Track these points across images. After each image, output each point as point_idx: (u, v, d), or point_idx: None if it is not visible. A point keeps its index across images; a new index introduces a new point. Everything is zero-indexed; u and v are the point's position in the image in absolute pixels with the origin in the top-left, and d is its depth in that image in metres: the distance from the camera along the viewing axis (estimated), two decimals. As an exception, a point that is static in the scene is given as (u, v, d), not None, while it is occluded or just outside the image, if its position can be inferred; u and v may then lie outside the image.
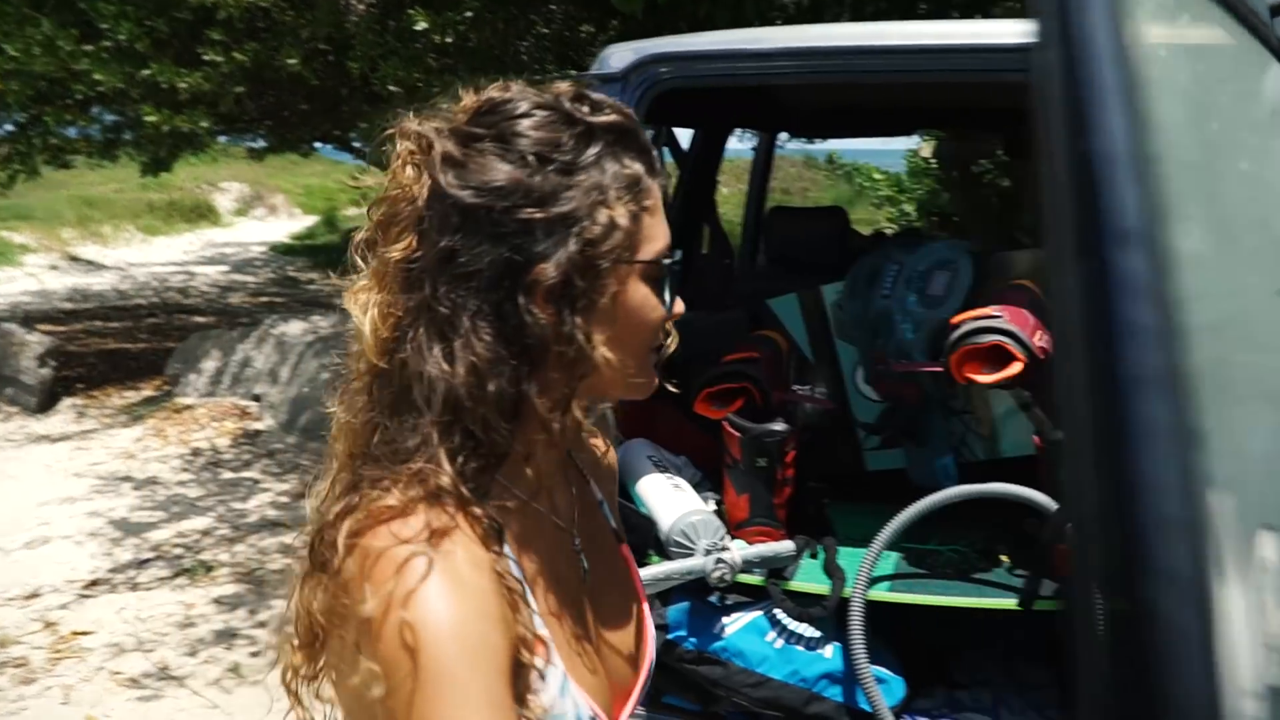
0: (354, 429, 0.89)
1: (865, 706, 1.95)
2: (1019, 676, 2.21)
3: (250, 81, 5.81)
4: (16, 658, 3.94)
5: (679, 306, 0.94)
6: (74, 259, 14.84)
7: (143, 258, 15.54)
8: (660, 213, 0.91)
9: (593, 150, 0.87)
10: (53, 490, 5.81)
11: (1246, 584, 0.81)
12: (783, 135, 5.51)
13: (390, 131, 0.91)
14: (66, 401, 7.78)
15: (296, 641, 0.82)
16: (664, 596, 2.09)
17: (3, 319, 8.78)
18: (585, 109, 0.88)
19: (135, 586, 4.54)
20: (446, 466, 0.82)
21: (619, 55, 2.00)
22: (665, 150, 3.66)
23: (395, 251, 0.86)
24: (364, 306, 0.87)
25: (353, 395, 0.90)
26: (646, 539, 2.12)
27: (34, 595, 4.50)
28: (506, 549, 0.85)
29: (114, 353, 9.20)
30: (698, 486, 2.32)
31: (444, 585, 0.76)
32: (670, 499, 2.15)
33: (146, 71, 5.47)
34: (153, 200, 17.49)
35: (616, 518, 1.11)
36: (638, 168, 0.89)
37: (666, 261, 0.91)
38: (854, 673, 1.94)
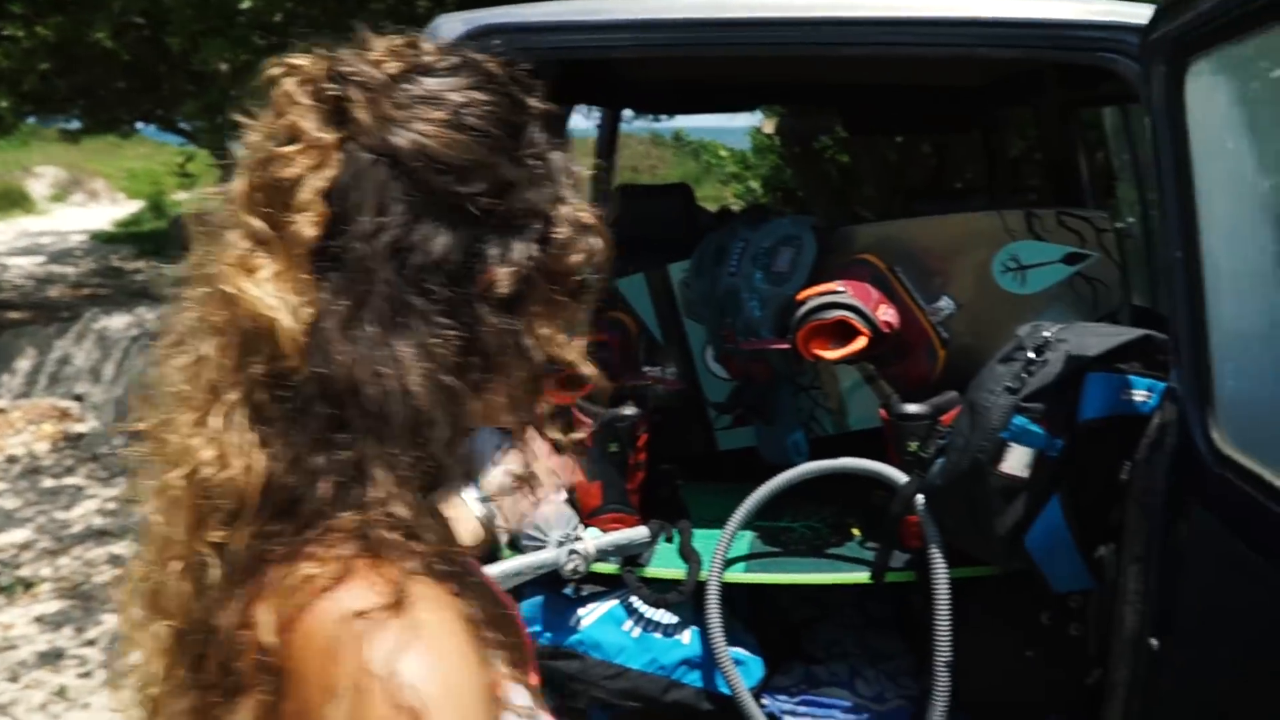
0: (222, 470, 0.66)
1: (725, 690, 1.93)
2: (874, 648, 2.24)
3: (56, 58, 5.42)
4: None
5: None
6: None
7: (-54, 250, 14.37)
8: None
9: (542, 136, 0.76)
10: None
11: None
12: (629, 113, 5.47)
13: (277, 71, 0.73)
14: None
15: None
16: (517, 591, 2.02)
17: None
18: (521, 90, 0.76)
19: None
20: (402, 496, 0.66)
21: (448, 27, 1.90)
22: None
23: (307, 226, 0.67)
24: (266, 284, 0.66)
25: (199, 411, 0.68)
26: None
27: None
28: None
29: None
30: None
31: (425, 646, 0.62)
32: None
33: (-64, 47, 5.04)
34: (-44, 188, 16.18)
35: None
36: (576, 165, 0.78)
37: (597, 276, 0.79)
38: (712, 657, 1.92)
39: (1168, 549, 1.74)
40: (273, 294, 0.66)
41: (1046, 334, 1.75)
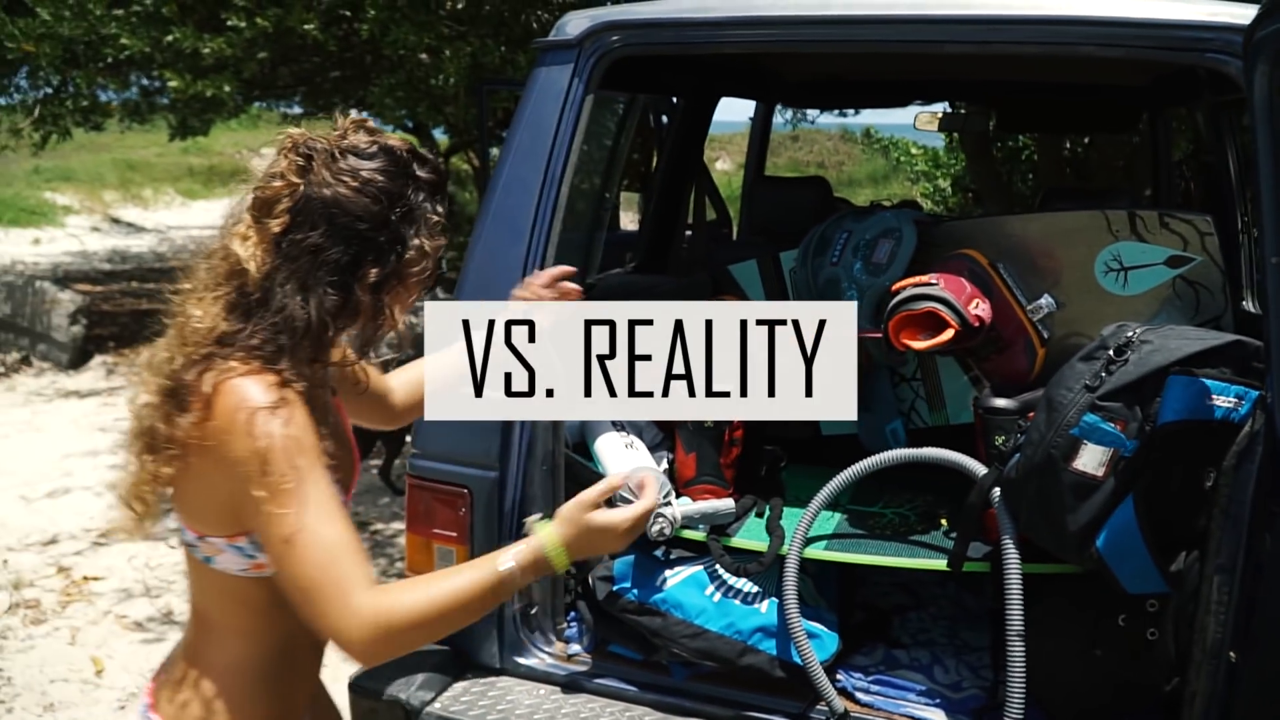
0: (200, 322, 1.28)
1: (798, 661, 2.01)
2: (962, 640, 2.27)
3: (274, 48, 5.90)
4: (30, 599, 4.11)
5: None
6: (115, 221, 15.14)
7: (181, 221, 15.80)
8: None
9: (420, 197, 1.35)
10: (77, 443, 6.00)
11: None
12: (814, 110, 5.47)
13: (280, 138, 1.34)
14: (98, 359, 8.01)
15: (152, 459, 1.28)
16: (611, 549, 2.16)
17: (43, 278, 9.01)
18: (417, 165, 1.35)
19: (148, 536, 4.66)
20: (287, 357, 1.28)
21: (574, 23, 2.05)
22: (654, 118, 3.71)
23: (275, 226, 1.29)
24: (248, 248, 1.30)
25: (201, 297, 1.31)
26: (597, 494, 2.19)
27: (51, 541, 4.68)
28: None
29: (147, 313, 9.39)
30: (657, 446, 2.38)
31: (295, 421, 1.25)
32: (621, 456, 2.21)
33: (171, 36, 5.59)
34: (193, 164, 17.74)
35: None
36: (441, 214, 1.37)
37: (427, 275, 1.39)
38: (786, 628, 2.00)
39: (1257, 562, 1.70)
40: (248, 252, 1.28)
41: (1130, 334, 1.74)
